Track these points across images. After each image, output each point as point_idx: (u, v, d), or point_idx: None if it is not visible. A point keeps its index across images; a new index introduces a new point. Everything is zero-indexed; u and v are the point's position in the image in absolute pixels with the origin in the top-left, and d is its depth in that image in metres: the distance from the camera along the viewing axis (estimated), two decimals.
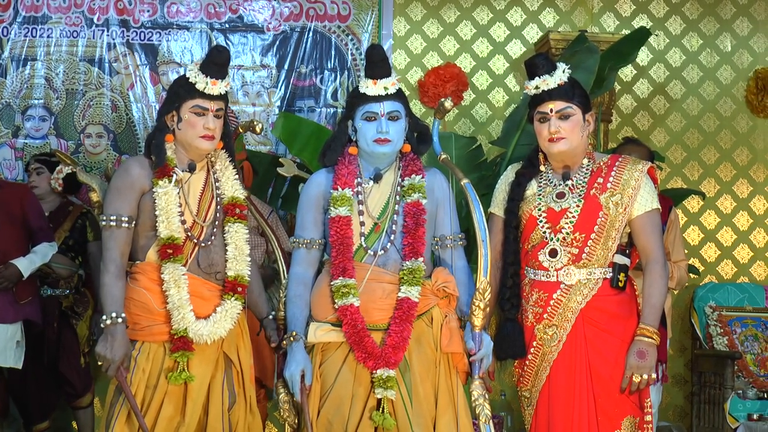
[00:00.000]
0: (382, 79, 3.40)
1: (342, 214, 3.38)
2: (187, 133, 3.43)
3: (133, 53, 6.06)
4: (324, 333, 3.38)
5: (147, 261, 3.42)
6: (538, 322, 3.46)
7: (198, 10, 6.11)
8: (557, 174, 3.51)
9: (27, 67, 6.00)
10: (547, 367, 3.43)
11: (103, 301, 3.35)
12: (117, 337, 3.30)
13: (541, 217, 3.47)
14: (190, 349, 3.37)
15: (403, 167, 3.48)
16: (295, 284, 3.45)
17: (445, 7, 6.35)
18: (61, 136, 6.00)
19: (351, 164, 3.45)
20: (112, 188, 3.43)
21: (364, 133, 3.40)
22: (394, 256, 3.40)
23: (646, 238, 3.42)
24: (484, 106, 6.34)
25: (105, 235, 3.40)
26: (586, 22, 6.37)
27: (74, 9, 6.01)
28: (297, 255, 3.48)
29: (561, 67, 3.44)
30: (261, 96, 6.14)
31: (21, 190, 5.36)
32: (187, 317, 3.37)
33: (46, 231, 5.24)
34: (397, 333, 3.30)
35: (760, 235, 6.48)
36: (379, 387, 3.27)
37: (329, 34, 6.19)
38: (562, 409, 3.41)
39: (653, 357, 3.36)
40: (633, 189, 3.41)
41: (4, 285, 4.93)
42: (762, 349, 5.88)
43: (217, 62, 3.45)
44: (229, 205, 3.54)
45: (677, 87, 6.44)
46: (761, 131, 6.50)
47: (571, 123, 3.41)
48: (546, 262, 3.46)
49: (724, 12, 6.49)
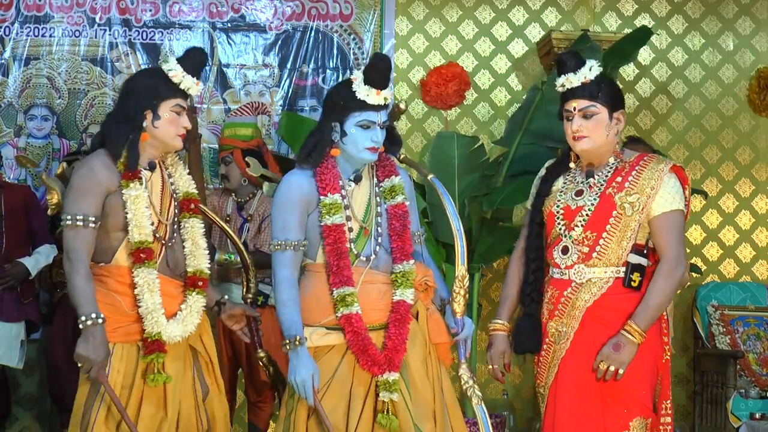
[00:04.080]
0: (384, 90, 3.42)
1: (337, 222, 3.37)
2: (168, 131, 3.40)
3: (135, 53, 6.06)
4: (320, 337, 3.39)
5: (115, 264, 3.39)
6: (550, 318, 3.47)
7: (200, 10, 6.11)
8: (584, 172, 3.51)
9: (29, 66, 5.98)
10: (557, 364, 3.43)
11: (77, 303, 3.28)
12: (98, 338, 3.27)
13: (559, 213, 3.47)
14: (163, 351, 3.36)
15: (379, 167, 3.51)
16: (287, 287, 3.39)
17: (447, 6, 6.34)
18: (63, 136, 5.99)
19: (334, 167, 3.43)
20: (76, 188, 3.36)
21: (356, 140, 3.39)
22: (384, 257, 3.44)
23: (660, 238, 3.38)
24: (486, 106, 6.34)
25: (69, 235, 3.34)
26: (588, 22, 6.36)
27: (76, 8, 6.01)
28: (283, 257, 3.39)
29: (588, 64, 3.42)
30: (263, 95, 6.14)
31: (24, 191, 5.37)
32: (160, 321, 3.37)
33: (47, 233, 5.27)
34: (396, 335, 3.35)
35: (763, 234, 6.48)
36: (384, 390, 3.31)
37: (331, 33, 6.18)
38: (568, 407, 3.39)
39: (628, 354, 3.30)
40: (652, 189, 3.37)
41: (11, 283, 4.95)
42: (764, 348, 5.88)
43: (199, 64, 3.46)
44: (185, 200, 3.55)
45: (679, 86, 6.44)
46: (763, 130, 6.49)
47: (594, 122, 3.40)
48: (558, 259, 3.46)
49: (726, 11, 6.49)
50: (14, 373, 5.54)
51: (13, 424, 5.76)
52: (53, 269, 5.35)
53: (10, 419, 5.68)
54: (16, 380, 5.75)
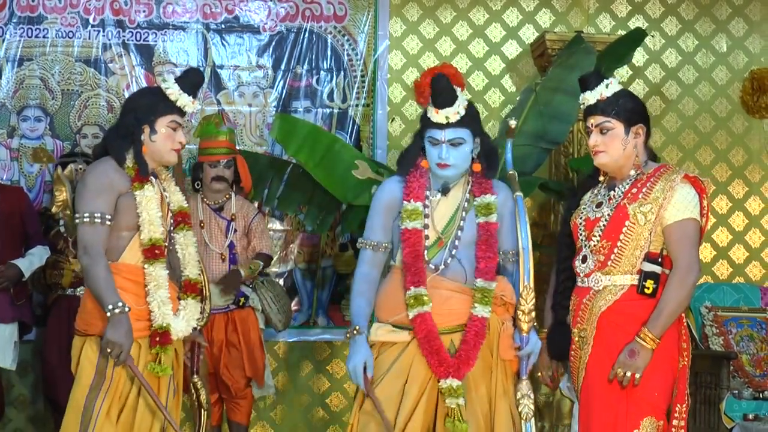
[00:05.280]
0: (444, 109, 3.60)
1: (415, 227, 3.60)
2: (163, 145, 3.68)
3: (129, 54, 6.05)
4: (385, 333, 3.62)
5: (122, 262, 3.63)
6: (574, 325, 3.60)
7: (194, 11, 6.11)
8: (607, 185, 3.66)
9: (22, 67, 5.98)
10: (583, 368, 3.55)
11: (100, 293, 3.51)
12: (125, 325, 3.51)
13: (581, 225, 3.62)
14: (170, 343, 3.62)
15: (475, 184, 3.68)
16: (361, 282, 3.67)
17: (441, 7, 6.35)
18: (57, 137, 5.98)
19: (422, 177, 3.67)
20: (90, 188, 3.60)
21: (430, 155, 3.65)
22: (456, 267, 3.62)
23: (673, 246, 3.48)
24: (480, 107, 6.28)
25: (87, 231, 3.57)
26: (582, 23, 6.37)
27: (70, 9, 6.00)
28: (363, 255, 3.70)
29: (605, 82, 3.55)
30: (257, 97, 6.14)
31: (18, 193, 5.37)
32: (168, 314, 3.62)
33: (40, 234, 5.27)
34: (469, 349, 3.53)
35: (756, 236, 6.49)
36: (449, 396, 3.49)
37: (325, 34, 6.18)
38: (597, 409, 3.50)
39: (643, 359, 3.41)
40: (664, 199, 3.48)
41: (5, 284, 4.95)
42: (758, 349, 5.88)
43: (196, 83, 3.76)
44: (179, 213, 3.80)
45: (673, 88, 6.45)
46: (756, 132, 6.51)
47: (609, 137, 3.54)
48: (579, 267, 3.60)
49: (719, 13, 6.50)
50: (7, 374, 5.53)
51: (6, 425, 5.75)
52: (47, 270, 5.34)
53: (4, 421, 5.67)
54: (9, 381, 5.74)
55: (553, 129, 5.34)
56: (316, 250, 6.17)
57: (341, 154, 5.44)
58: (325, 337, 6.18)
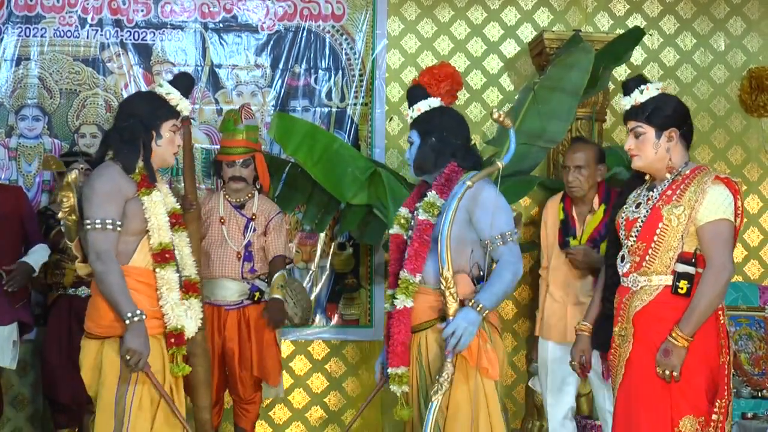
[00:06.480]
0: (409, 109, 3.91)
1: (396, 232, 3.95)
2: (167, 149, 3.78)
3: (127, 53, 6.05)
4: None
5: (132, 265, 3.68)
6: (615, 323, 3.69)
7: (192, 10, 6.10)
8: (648, 186, 3.76)
9: (20, 66, 5.98)
10: (623, 365, 3.62)
11: (116, 301, 3.58)
12: (144, 332, 3.59)
13: (622, 225, 3.72)
14: (184, 343, 3.74)
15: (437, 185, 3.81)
16: None
17: (439, 6, 6.34)
18: (55, 136, 5.98)
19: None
20: (99, 193, 3.63)
21: None
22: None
23: (706, 246, 3.54)
24: (479, 106, 6.34)
25: (98, 238, 3.61)
26: (580, 22, 6.37)
27: (68, 9, 6.00)
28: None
29: (641, 87, 3.70)
30: (255, 96, 6.14)
31: (17, 192, 5.37)
32: (182, 315, 3.72)
33: (39, 234, 5.27)
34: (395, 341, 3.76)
35: (754, 234, 6.49)
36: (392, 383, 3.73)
37: (323, 33, 6.18)
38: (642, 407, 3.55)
39: (677, 357, 3.47)
40: (696, 201, 3.55)
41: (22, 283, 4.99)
42: (756, 347, 5.89)
43: (189, 86, 3.88)
44: (173, 215, 3.84)
45: (671, 86, 6.44)
46: (755, 130, 6.51)
47: (642, 141, 3.66)
48: (619, 266, 3.71)
49: (717, 11, 6.50)
50: (7, 373, 5.53)
51: (5, 424, 5.75)
52: (48, 270, 5.35)
53: (2, 420, 5.66)
54: (9, 381, 5.74)
55: (551, 128, 5.34)
56: (315, 249, 6.16)
57: (339, 153, 5.44)
58: (324, 336, 6.18)
